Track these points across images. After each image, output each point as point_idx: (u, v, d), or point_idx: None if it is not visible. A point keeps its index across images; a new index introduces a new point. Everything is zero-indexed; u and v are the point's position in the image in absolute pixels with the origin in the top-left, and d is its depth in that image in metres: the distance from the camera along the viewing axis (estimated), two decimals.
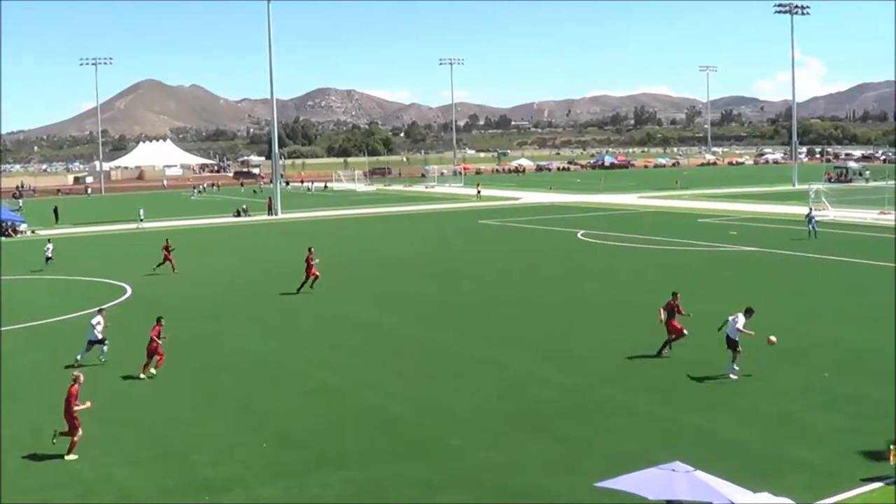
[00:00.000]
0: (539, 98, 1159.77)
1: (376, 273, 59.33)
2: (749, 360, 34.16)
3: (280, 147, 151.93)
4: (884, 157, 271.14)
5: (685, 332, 35.27)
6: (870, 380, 31.41)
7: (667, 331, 35.45)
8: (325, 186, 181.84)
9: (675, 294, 35.92)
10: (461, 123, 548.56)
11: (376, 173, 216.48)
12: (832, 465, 23.54)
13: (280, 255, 69.75)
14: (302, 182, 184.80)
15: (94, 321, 35.99)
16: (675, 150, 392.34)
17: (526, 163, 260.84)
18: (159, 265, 61.46)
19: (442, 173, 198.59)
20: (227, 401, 30.33)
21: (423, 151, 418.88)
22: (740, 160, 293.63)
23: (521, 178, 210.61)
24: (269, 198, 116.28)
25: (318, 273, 52.40)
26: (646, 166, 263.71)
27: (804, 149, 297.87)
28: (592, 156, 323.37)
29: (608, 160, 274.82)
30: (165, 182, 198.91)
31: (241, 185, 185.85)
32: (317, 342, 39.53)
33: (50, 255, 66.51)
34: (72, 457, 25.06)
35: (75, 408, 25.37)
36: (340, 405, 29.67)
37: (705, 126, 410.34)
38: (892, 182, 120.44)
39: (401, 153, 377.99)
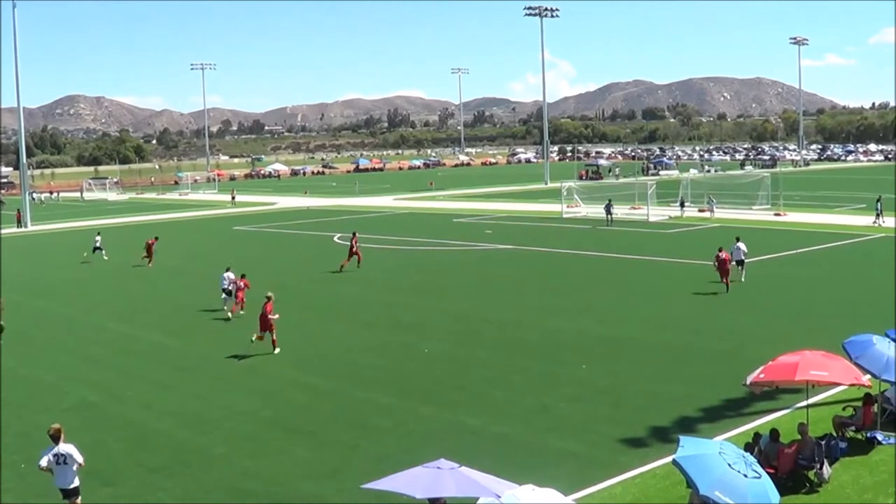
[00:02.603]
0: (292, 102, 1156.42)
1: (130, 284, 58.00)
2: (505, 356, 34.97)
3: (28, 157, 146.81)
4: (633, 154, 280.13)
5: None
6: (624, 371, 32.55)
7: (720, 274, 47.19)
8: (81, 195, 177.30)
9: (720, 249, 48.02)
10: (214, 129, 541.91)
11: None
12: (594, 454, 24.38)
13: (30, 270, 67.46)
14: (51, 193, 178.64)
15: (226, 275, 45.94)
16: (430, 151, 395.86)
17: (281, 167, 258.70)
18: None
19: (195, 180, 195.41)
20: None
21: (176, 158, 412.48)
22: (493, 160, 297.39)
23: (276, 182, 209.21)
24: (18, 210, 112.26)
25: (360, 254, 59.57)
26: (400, 168, 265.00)
27: (556, 148, 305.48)
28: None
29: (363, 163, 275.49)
30: None
31: None
32: (72, 357, 38.23)
33: (98, 246, 69.15)
34: (277, 350, 36.78)
35: (270, 317, 36.67)
36: (101, 421, 28.93)
37: (458, 127, 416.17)
38: (641, 178, 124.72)
39: (153, 160, 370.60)
